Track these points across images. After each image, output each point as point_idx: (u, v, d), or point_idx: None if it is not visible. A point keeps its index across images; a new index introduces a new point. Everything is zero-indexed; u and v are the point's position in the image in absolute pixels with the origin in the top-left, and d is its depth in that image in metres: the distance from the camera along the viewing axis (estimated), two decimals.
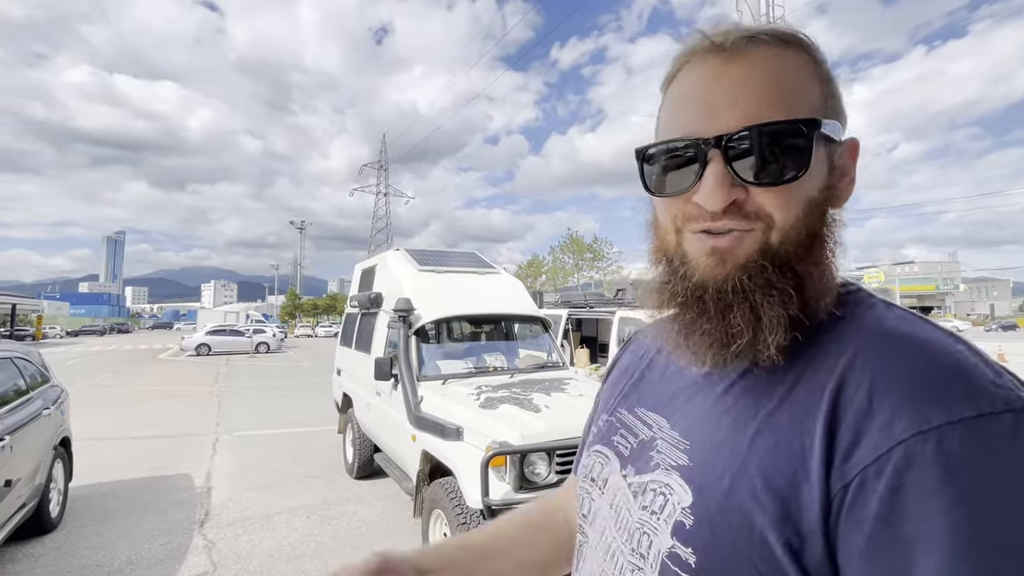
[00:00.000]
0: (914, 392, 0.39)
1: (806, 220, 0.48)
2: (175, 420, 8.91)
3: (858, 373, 0.42)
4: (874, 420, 0.39)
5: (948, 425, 0.36)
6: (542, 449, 2.98)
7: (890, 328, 0.46)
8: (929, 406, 0.38)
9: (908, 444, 0.37)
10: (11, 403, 3.81)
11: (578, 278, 37.72)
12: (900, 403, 0.39)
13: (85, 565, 3.71)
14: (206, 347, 24.52)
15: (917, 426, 0.37)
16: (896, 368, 0.41)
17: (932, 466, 0.36)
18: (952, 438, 0.36)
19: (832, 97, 0.50)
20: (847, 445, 0.40)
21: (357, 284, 6.40)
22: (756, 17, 18.03)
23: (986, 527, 0.34)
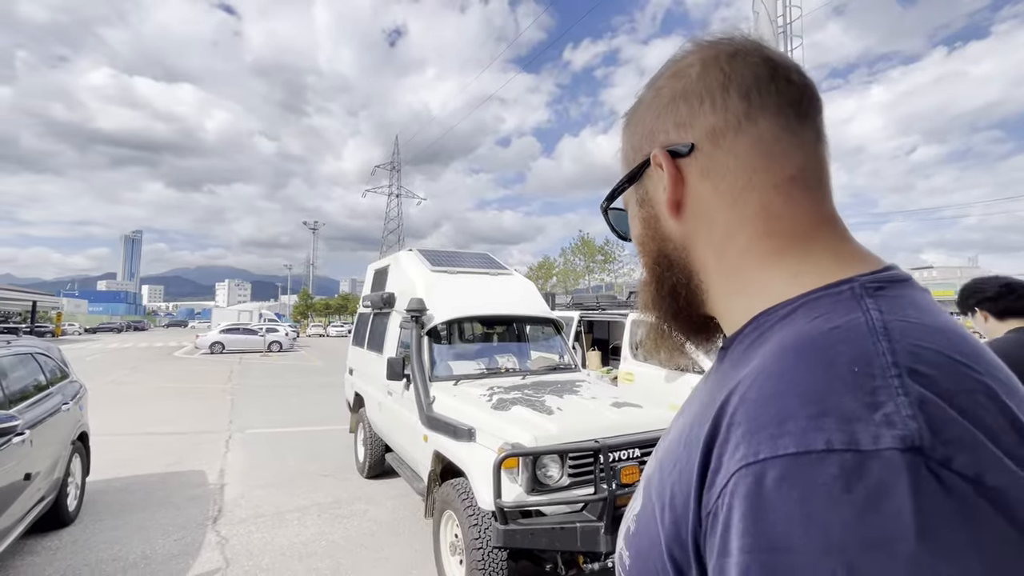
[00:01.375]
0: (758, 417, 0.35)
1: (645, 252, 0.57)
2: (189, 417, 9.02)
3: (741, 388, 0.39)
4: (730, 444, 0.37)
5: (770, 460, 0.33)
6: (555, 451, 2.96)
7: (793, 338, 0.40)
8: (762, 436, 0.34)
9: (736, 476, 0.34)
10: (32, 398, 3.88)
11: (589, 280, 37.59)
12: (746, 429, 0.36)
13: (101, 559, 3.76)
14: (220, 345, 24.85)
15: (745, 458, 0.34)
16: (760, 387, 0.37)
17: (744, 503, 0.33)
18: (769, 475, 0.32)
19: (633, 142, 0.56)
20: (712, 471, 0.38)
21: (370, 284, 6.43)
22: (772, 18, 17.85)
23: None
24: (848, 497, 0.29)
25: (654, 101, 0.53)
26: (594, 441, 2.98)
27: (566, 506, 2.94)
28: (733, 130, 0.48)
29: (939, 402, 0.31)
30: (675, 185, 0.50)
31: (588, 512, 2.91)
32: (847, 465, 0.30)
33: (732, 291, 0.50)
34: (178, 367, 18.32)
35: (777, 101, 0.48)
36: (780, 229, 0.47)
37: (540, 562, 3.14)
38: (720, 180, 0.49)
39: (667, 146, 0.51)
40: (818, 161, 0.49)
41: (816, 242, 0.47)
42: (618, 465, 2.98)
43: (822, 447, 0.31)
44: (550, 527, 2.83)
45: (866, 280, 0.42)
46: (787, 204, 0.47)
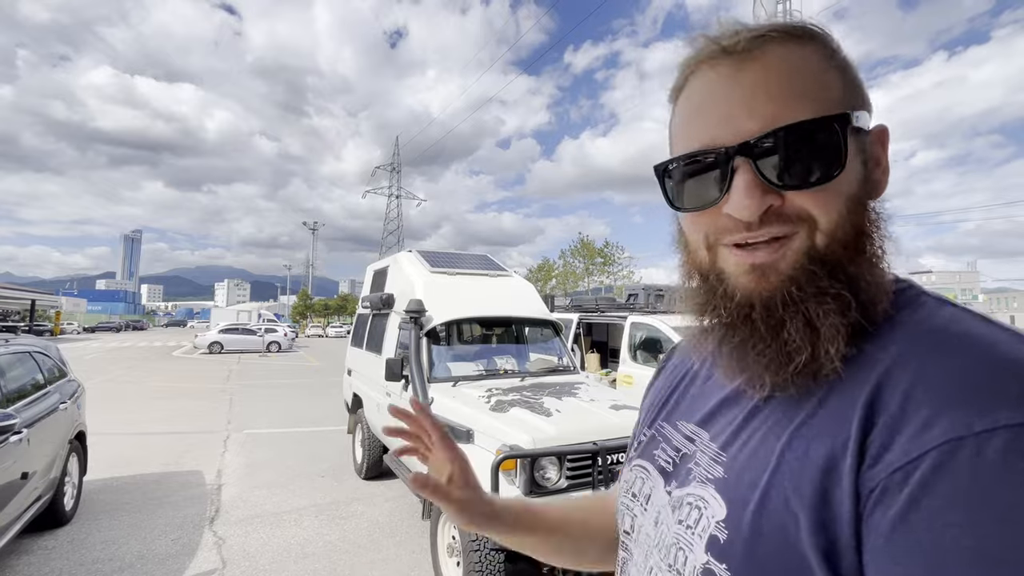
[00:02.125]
0: (956, 394, 0.35)
1: (851, 218, 0.45)
2: (187, 417, 9.01)
3: (897, 376, 0.40)
4: (908, 424, 0.36)
5: (989, 432, 0.32)
6: (553, 453, 2.95)
7: (939, 326, 0.42)
8: (971, 410, 0.34)
9: (941, 450, 0.34)
10: (29, 397, 3.87)
11: (588, 283, 37.62)
12: (939, 406, 0.35)
13: (97, 559, 3.75)
14: (219, 345, 24.82)
15: (954, 431, 0.34)
16: (939, 368, 0.38)
17: (962, 476, 0.32)
18: (991, 446, 0.32)
19: (854, 86, 0.47)
20: (877, 450, 0.37)
21: (369, 285, 6.43)
22: None
23: (1002, 552, 0.30)
24: None
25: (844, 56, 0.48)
26: (592, 443, 2.98)
27: None
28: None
29: None
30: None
31: None
32: None
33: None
34: (177, 367, 18.29)
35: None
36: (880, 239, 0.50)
37: (537, 564, 3.13)
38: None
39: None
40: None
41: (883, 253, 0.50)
42: (616, 467, 2.97)
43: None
44: None
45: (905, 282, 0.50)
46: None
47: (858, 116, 0.45)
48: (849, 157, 0.44)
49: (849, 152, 0.44)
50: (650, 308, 8.13)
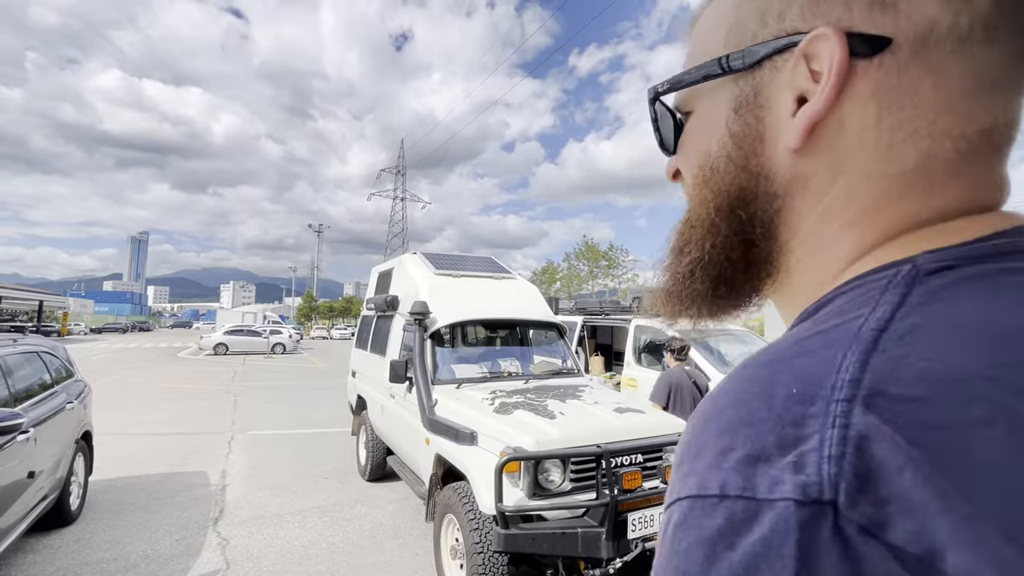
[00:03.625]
0: (687, 448, 0.30)
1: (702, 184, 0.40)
2: (192, 418, 9.05)
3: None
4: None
5: (676, 503, 0.28)
6: (557, 456, 2.95)
7: (781, 339, 0.33)
8: (680, 473, 0.29)
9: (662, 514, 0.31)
10: (37, 396, 3.90)
11: (592, 286, 37.58)
12: (678, 459, 0.31)
13: (102, 558, 3.77)
14: (224, 347, 24.93)
15: (669, 495, 0.30)
16: (699, 411, 0.32)
17: (659, 547, 0.29)
18: (673, 518, 0.28)
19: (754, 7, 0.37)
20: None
21: (374, 287, 6.45)
22: None
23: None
24: (729, 556, 0.24)
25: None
26: (596, 446, 2.97)
27: (567, 511, 2.93)
28: (955, 41, 0.31)
29: (895, 441, 0.22)
30: (834, 93, 0.33)
31: (590, 517, 2.90)
32: (736, 516, 0.24)
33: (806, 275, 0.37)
34: (182, 368, 18.38)
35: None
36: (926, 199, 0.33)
37: (541, 567, 3.12)
38: (895, 111, 0.32)
39: (849, 29, 0.32)
40: (1020, 115, 0.34)
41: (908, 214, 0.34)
42: (620, 471, 2.96)
43: (716, 491, 0.26)
44: (551, 532, 2.81)
45: (936, 257, 0.30)
46: (956, 165, 0.33)
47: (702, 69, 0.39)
48: (690, 117, 0.42)
49: (687, 111, 0.43)
50: None
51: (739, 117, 0.38)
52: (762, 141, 0.37)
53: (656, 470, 3.14)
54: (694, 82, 0.40)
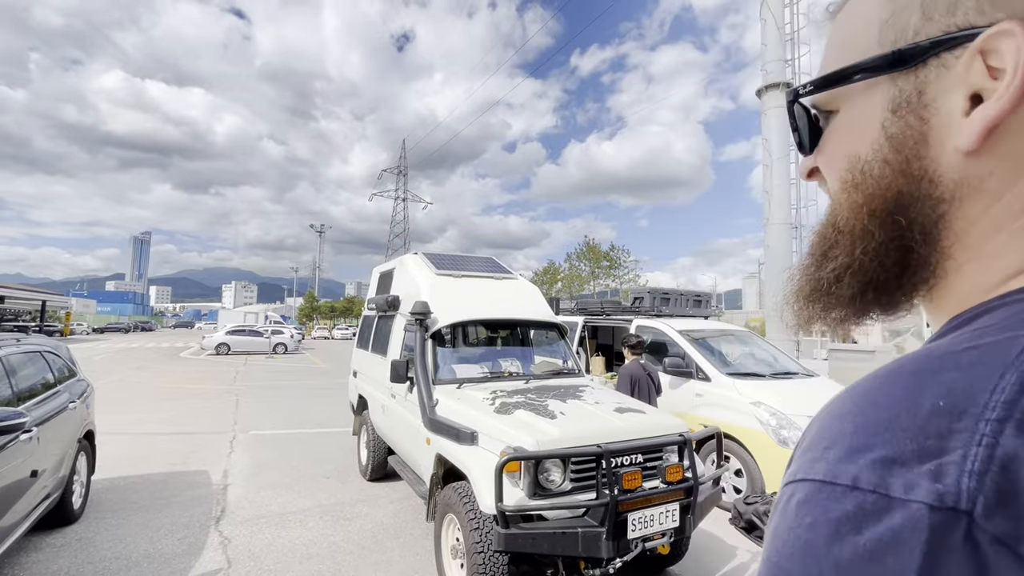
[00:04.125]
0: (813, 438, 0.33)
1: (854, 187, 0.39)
2: (194, 417, 9.07)
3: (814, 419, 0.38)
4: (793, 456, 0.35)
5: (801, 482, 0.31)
6: (557, 456, 2.95)
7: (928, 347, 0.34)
8: (808, 457, 0.32)
9: (781, 490, 0.33)
10: (40, 396, 3.92)
11: (594, 286, 37.57)
12: (803, 448, 0.34)
13: (104, 557, 3.78)
14: (226, 347, 24.98)
15: (789, 475, 0.33)
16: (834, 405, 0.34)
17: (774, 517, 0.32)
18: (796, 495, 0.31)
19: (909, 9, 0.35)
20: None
21: (375, 287, 6.46)
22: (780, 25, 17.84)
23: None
24: (854, 539, 0.26)
25: None
26: (596, 446, 2.98)
27: (568, 511, 2.94)
28: None
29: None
30: (1020, 92, 0.31)
31: (590, 517, 2.90)
32: (866, 507, 0.27)
33: (964, 283, 0.36)
34: (184, 368, 18.41)
35: None
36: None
37: (541, 567, 3.13)
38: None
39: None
40: None
41: None
42: (620, 471, 2.97)
43: (847, 482, 0.28)
44: (551, 532, 2.82)
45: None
46: None
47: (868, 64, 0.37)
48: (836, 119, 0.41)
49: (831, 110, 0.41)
50: (656, 311, 8.10)
51: (898, 118, 0.36)
52: (926, 143, 0.35)
53: (656, 470, 3.14)
54: (841, 82, 0.38)
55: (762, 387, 5.29)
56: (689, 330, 6.28)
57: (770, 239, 17.28)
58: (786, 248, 17.24)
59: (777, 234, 17.14)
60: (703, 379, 5.58)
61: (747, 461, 4.86)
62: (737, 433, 4.92)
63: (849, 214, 0.39)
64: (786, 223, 17.24)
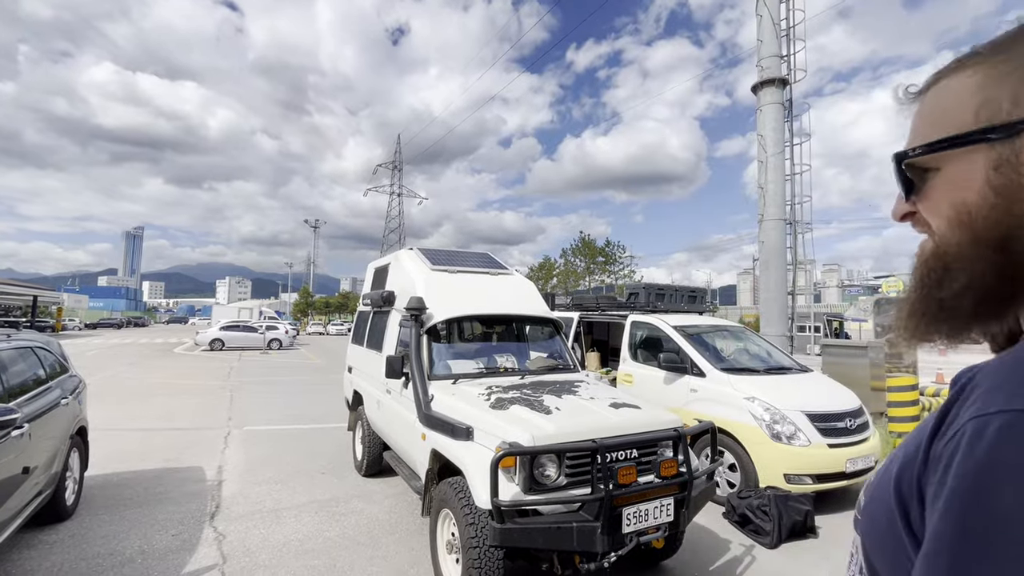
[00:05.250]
0: (998, 380, 0.42)
1: (965, 226, 0.49)
2: (188, 413, 9.03)
3: (991, 363, 0.47)
4: (965, 403, 0.43)
5: (1000, 413, 0.38)
6: (552, 451, 2.96)
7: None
8: (999, 394, 0.40)
9: (968, 425, 0.40)
10: (31, 392, 3.88)
11: (589, 281, 37.62)
12: (984, 392, 0.42)
13: (98, 553, 3.77)
14: (220, 342, 24.86)
15: (980, 410, 0.40)
16: (1006, 358, 0.44)
17: (968, 447, 0.39)
18: (995, 423, 0.38)
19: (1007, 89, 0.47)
20: (946, 424, 0.45)
21: (370, 282, 6.44)
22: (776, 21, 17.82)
23: (972, 516, 0.37)
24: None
25: None
26: (592, 441, 2.99)
27: (563, 506, 2.95)
28: None
29: None
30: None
31: (585, 512, 2.91)
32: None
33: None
34: (178, 363, 18.32)
35: None
36: None
37: (536, 561, 3.14)
38: None
39: None
40: None
41: None
42: (615, 465, 2.98)
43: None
44: (547, 526, 2.83)
45: None
46: None
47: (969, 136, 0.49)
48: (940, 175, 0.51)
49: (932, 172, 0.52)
50: (651, 307, 8.13)
51: (1000, 174, 0.47)
52: (1016, 196, 0.46)
53: (651, 465, 3.15)
54: (963, 142, 0.49)
55: (756, 382, 5.32)
56: (684, 325, 6.30)
57: (765, 235, 17.34)
58: (780, 243, 17.31)
59: (772, 230, 17.20)
60: (698, 374, 5.61)
61: (741, 456, 4.89)
62: (731, 428, 4.95)
63: (961, 247, 0.49)
64: (780, 219, 17.30)
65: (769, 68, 17.26)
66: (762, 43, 17.41)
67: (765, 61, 17.33)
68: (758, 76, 17.50)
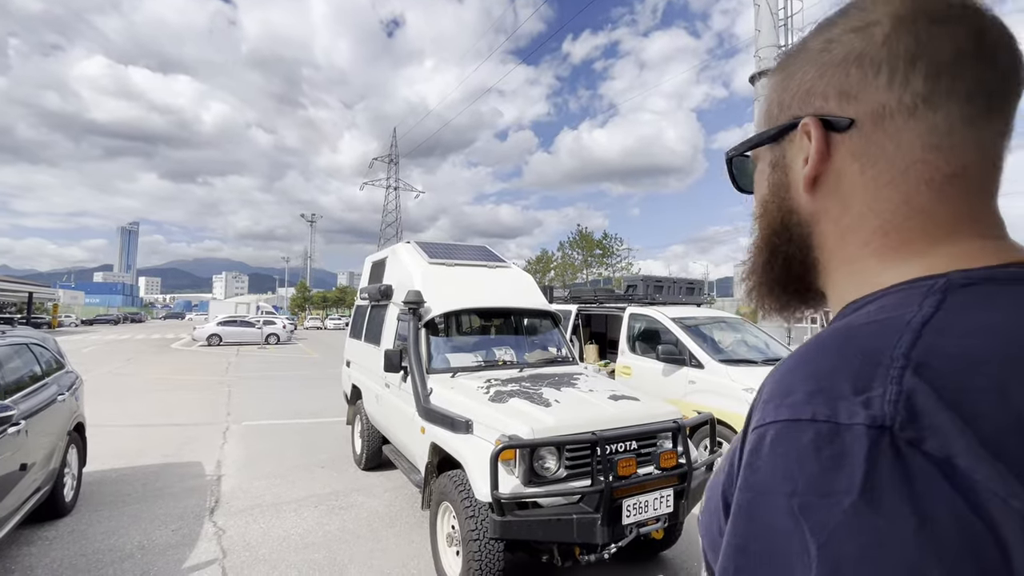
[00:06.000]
0: (776, 389, 0.42)
1: (764, 217, 0.55)
2: (186, 409, 9.02)
3: (777, 367, 0.46)
4: (755, 411, 0.43)
5: (770, 424, 0.39)
6: (552, 443, 2.96)
7: (832, 328, 0.45)
8: (771, 405, 0.41)
9: (751, 435, 0.41)
10: (27, 388, 3.86)
11: (587, 274, 37.62)
12: (766, 397, 0.42)
13: (98, 549, 3.76)
14: (217, 337, 24.82)
15: (758, 420, 0.41)
16: (785, 365, 0.44)
17: (747, 456, 0.40)
18: (768, 435, 0.39)
19: (782, 97, 0.52)
20: (748, 430, 0.44)
21: (367, 276, 6.41)
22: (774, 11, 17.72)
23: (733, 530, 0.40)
24: (817, 456, 0.36)
25: (821, 55, 0.48)
26: (591, 433, 2.99)
27: (563, 498, 2.95)
28: (905, 114, 0.43)
29: (931, 394, 0.35)
30: (820, 162, 0.47)
31: (585, 504, 2.92)
32: (823, 433, 0.36)
33: (840, 279, 0.50)
34: (175, 359, 18.28)
35: (969, 88, 0.42)
36: (913, 226, 0.44)
37: (536, 553, 3.15)
38: (871, 165, 0.45)
39: (822, 115, 0.47)
40: (992, 158, 0.44)
41: (947, 240, 0.44)
42: (615, 457, 2.98)
43: (808, 417, 0.37)
44: (547, 519, 2.83)
45: (963, 275, 0.41)
46: (934, 202, 0.44)
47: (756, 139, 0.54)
48: (757, 170, 0.57)
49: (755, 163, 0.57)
50: (649, 299, 8.13)
51: (774, 172, 0.53)
52: (788, 188, 0.52)
53: (650, 456, 3.16)
54: (755, 145, 0.55)
55: (754, 373, 5.33)
56: (682, 317, 6.30)
57: None
58: None
59: None
60: (696, 366, 5.61)
61: None
62: (730, 419, 4.96)
63: (759, 234, 0.56)
64: None
65: (767, 58, 17.17)
66: (759, 33, 17.32)
67: (763, 51, 17.25)
68: (756, 66, 17.41)
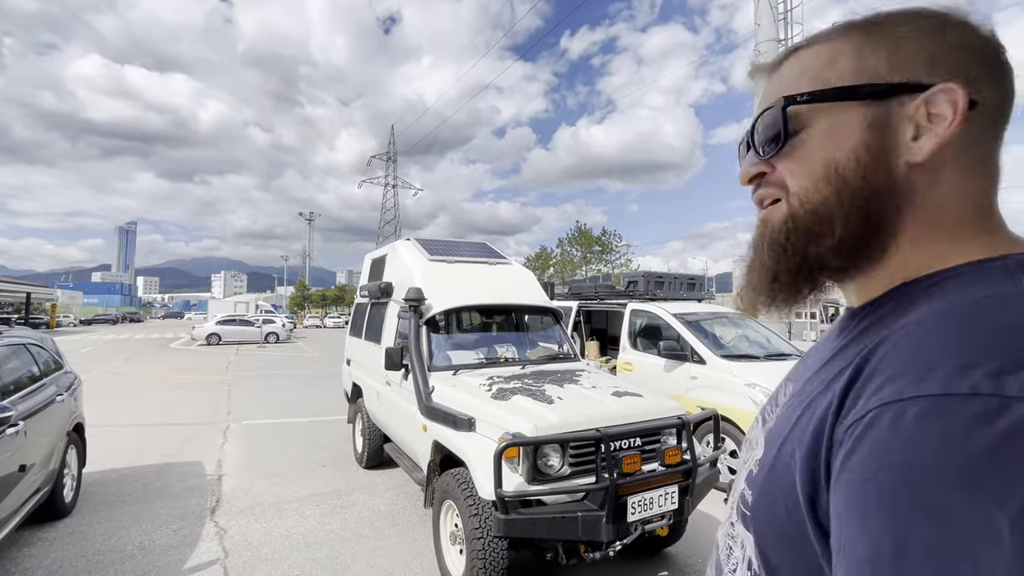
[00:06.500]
0: (908, 364, 0.40)
1: (830, 184, 0.50)
2: (186, 408, 8.99)
3: (884, 347, 0.44)
4: (871, 386, 0.41)
5: (913, 399, 0.37)
6: (556, 441, 2.94)
7: (945, 307, 0.44)
8: (907, 380, 0.38)
9: (876, 412, 0.38)
10: (25, 389, 3.83)
11: (586, 271, 37.60)
12: (894, 373, 0.40)
13: (98, 550, 3.74)
14: (216, 337, 24.79)
15: (891, 396, 0.38)
16: (912, 339, 0.42)
17: (881, 433, 0.37)
18: (911, 410, 0.36)
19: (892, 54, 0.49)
20: (847, 408, 0.42)
21: (367, 274, 6.38)
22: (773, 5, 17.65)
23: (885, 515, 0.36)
24: (988, 430, 0.33)
25: (939, 35, 0.48)
26: (595, 430, 2.96)
27: (567, 495, 2.93)
28: (998, 114, 0.49)
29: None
30: (950, 135, 0.46)
31: (589, 501, 2.90)
32: (992, 406, 0.34)
33: (902, 255, 0.50)
34: (175, 358, 18.24)
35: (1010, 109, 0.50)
36: (983, 213, 0.49)
37: (541, 551, 3.13)
38: (971, 150, 0.48)
39: (969, 89, 0.46)
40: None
41: (998, 228, 0.49)
42: (619, 454, 2.96)
43: (967, 391, 0.35)
44: (551, 516, 2.81)
45: (1017, 259, 0.45)
46: (992, 195, 0.50)
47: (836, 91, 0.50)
48: (809, 130, 0.51)
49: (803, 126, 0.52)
50: (650, 295, 8.10)
51: (869, 132, 0.49)
52: (887, 157, 0.48)
53: (655, 453, 3.13)
54: (830, 99, 0.50)
55: (756, 368, 5.31)
56: (683, 313, 6.28)
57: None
58: None
59: None
60: (698, 362, 5.60)
61: (742, 442, 4.90)
62: (732, 415, 4.94)
63: (828, 204, 0.50)
64: None
65: (766, 52, 17.13)
66: (759, 27, 17.27)
67: (762, 45, 17.20)
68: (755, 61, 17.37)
